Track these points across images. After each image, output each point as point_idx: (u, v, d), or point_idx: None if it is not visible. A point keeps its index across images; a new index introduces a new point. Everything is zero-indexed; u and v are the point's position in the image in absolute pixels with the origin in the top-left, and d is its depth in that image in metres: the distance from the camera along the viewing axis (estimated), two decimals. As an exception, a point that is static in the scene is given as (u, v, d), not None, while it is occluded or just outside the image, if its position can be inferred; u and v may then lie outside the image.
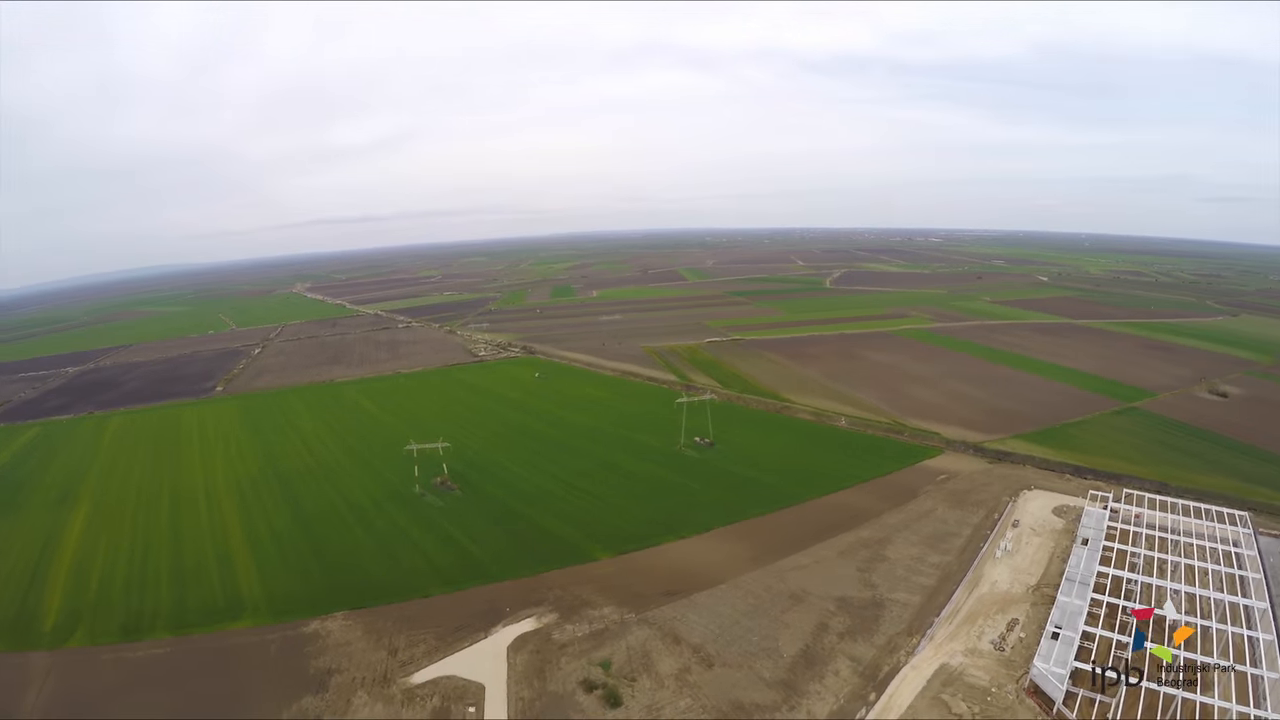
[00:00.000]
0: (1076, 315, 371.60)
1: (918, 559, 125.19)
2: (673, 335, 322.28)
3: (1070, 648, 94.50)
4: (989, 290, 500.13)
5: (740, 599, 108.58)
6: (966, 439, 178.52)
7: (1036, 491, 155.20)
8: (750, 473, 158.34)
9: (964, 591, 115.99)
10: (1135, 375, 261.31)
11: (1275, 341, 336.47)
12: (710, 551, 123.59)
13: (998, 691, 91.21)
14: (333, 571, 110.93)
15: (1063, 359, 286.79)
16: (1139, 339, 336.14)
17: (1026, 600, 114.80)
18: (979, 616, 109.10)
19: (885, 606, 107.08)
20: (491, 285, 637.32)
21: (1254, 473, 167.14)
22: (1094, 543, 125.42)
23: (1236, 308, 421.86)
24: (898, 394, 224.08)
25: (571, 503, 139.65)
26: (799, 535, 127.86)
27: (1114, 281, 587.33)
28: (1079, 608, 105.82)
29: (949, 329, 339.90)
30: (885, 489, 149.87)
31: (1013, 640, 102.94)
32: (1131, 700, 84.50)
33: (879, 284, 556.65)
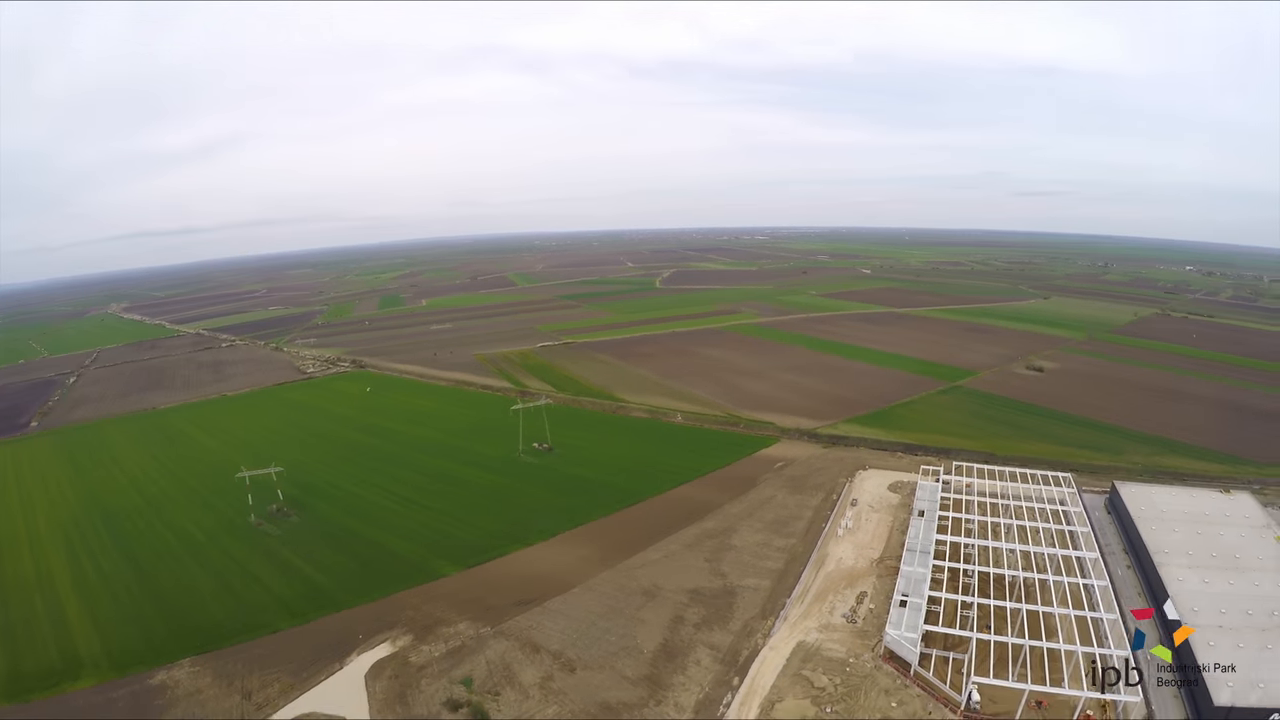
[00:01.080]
0: (899, 304, 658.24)
1: (764, 544, 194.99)
2: (505, 341, 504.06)
3: (919, 613, 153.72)
4: (815, 284, 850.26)
5: (594, 601, 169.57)
6: (801, 426, 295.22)
7: (871, 471, 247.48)
8: (591, 474, 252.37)
9: (812, 571, 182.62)
10: (957, 357, 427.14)
11: (1084, 319, 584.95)
12: (558, 556, 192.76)
13: (855, 661, 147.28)
14: (173, 615, 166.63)
15: (888, 345, 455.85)
16: (959, 323, 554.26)
17: (872, 573, 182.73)
18: (829, 593, 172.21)
19: (737, 593, 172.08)
20: (318, 298, 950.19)
21: (1072, 437, 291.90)
22: (930, 514, 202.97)
23: (1048, 291, 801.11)
24: (731, 387, 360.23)
25: (414, 519, 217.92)
26: (645, 532, 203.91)
27: (934, 272, 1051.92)
28: (922, 575, 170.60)
29: (777, 322, 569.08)
30: (726, 480, 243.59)
31: (863, 612, 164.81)
32: (982, 653, 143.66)
33: (708, 282, 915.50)
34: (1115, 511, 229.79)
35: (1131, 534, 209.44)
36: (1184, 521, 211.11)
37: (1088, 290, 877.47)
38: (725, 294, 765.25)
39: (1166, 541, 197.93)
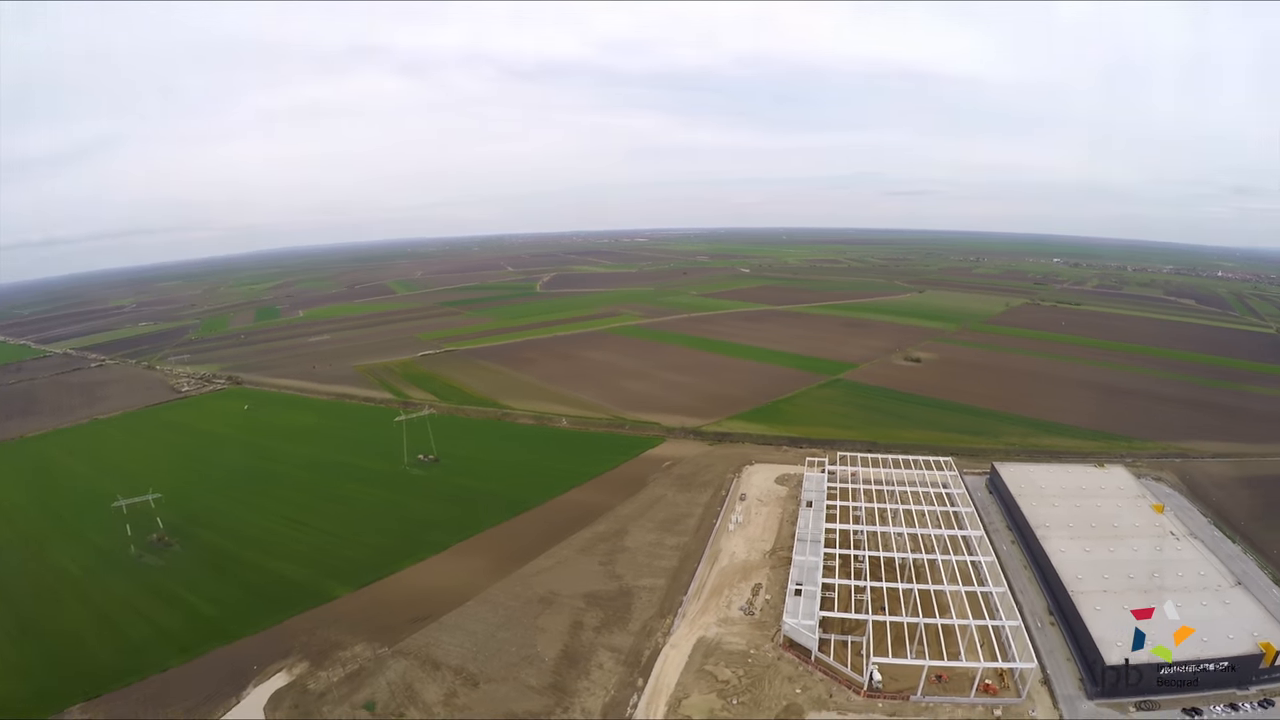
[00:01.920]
0: (778, 302, 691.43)
1: (656, 544, 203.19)
2: (385, 351, 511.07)
3: (814, 601, 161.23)
4: (695, 284, 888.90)
5: (491, 612, 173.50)
6: (686, 425, 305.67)
7: (758, 465, 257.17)
8: (479, 484, 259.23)
9: (706, 567, 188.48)
10: (837, 351, 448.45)
11: (958, 311, 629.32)
12: (452, 569, 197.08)
13: (756, 653, 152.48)
14: (57, 661, 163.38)
15: (768, 342, 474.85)
16: (837, 319, 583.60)
17: (765, 565, 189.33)
18: (724, 588, 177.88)
19: (634, 594, 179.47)
20: (191, 312, 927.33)
21: (951, 423, 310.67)
22: (818, 504, 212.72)
23: (922, 285, 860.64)
24: (615, 389, 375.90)
25: (301, 541, 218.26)
26: (537, 539, 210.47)
27: (811, 270, 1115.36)
28: (815, 564, 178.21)
29: (659, 323, 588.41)
30: (614, 482, 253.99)
31: (760, 603, 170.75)
32: (880, 635, 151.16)
33: (589, 285, 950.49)
34: (996, 491, 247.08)
35: (1013, 511, 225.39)
36: (1063, 496, 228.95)
37: (960, 283, 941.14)
38: (606, 296, 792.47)
39: (1047, 516, 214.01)
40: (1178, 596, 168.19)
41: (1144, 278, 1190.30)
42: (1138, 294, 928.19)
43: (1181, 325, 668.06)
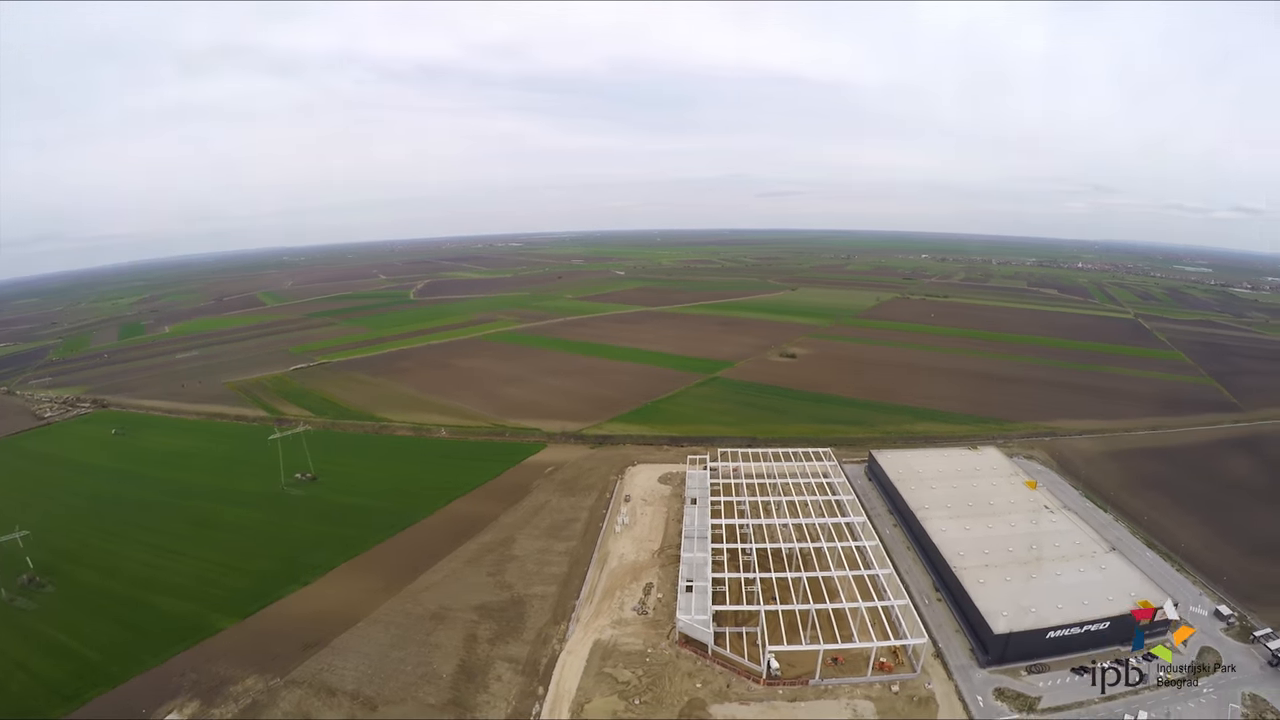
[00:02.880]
0: (654, 303, 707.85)
1: (545, 550, 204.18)
2: (257, 366, 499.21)
3: (706, 596, 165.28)
4: (570, 288, 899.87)
5: (383, 632, 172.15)
6: (567, 429, 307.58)
7: (641, 466, 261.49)
8: (361, 501, 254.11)
9: (596, 570, 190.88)
10: (713, 349, 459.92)
11: (830, 307, 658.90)
12: (339, 591, 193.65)
13: (654, 651, 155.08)
14: None
15: (645, 343, 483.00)
16: (713, 318, 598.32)
17: (655, 564, 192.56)
18: (616, 589, 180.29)
19: (526, 603, 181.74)
20: (50, 331, 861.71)
21: (828, 415, 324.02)
22: (702, 501, 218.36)
23: (795, 283, 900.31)
24: (494, 396, 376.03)
25: (181, 572, 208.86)
26: (424, 554, 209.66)
27: (686, 270, 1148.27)
28: (703, 559, 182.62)
29: (535, 328, 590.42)
30: (498, 491, 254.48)
31: (653, 602, 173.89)
32: (773, 624, 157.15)
33: (464, 291, 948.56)
34: (875, 477, 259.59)
35: (893, 496, 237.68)
36: (940, 479, 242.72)
37: (832, 280, 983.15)
38: (481, 303, 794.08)
39: (926, 498, 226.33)
40: (1056, 565, 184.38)
41: (1008, 270, 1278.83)
42: (1003, 286, 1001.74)
43: (1045, 313, 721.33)
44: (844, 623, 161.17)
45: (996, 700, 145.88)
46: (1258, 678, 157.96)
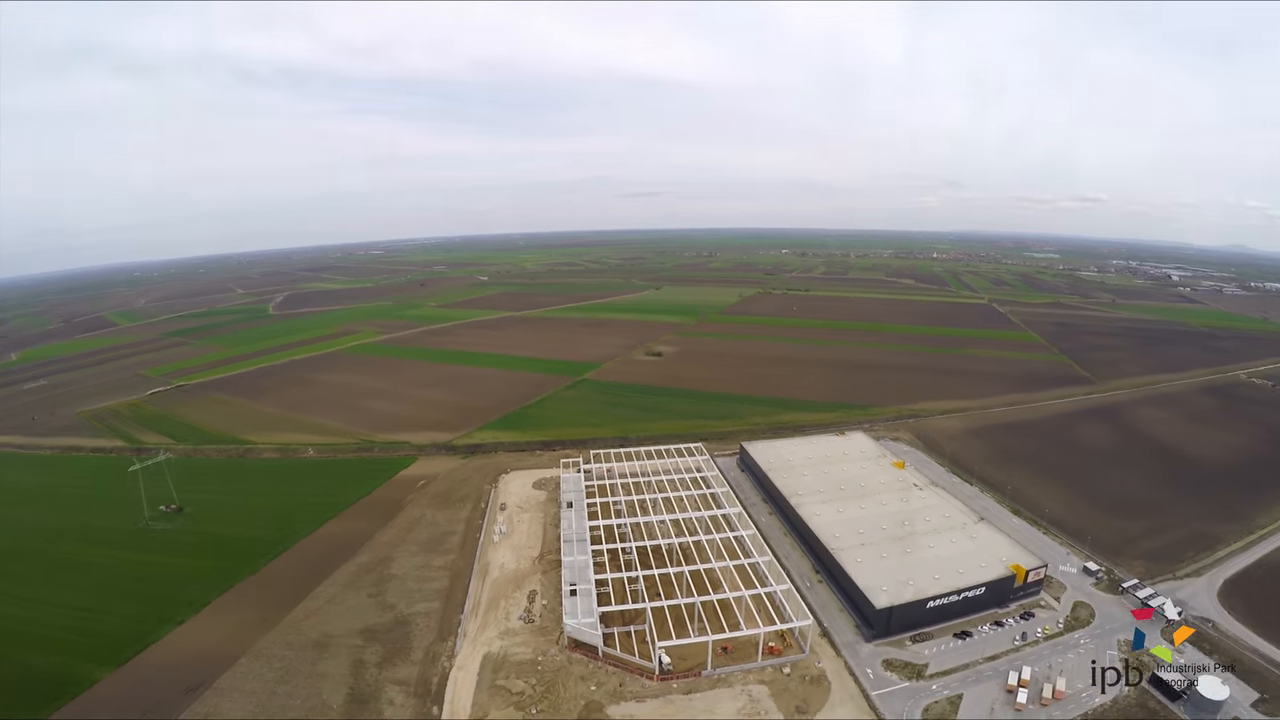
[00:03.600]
0: (519, 308, 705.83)
1: (424, 566, 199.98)
2: (111, 392, 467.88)
3: (591, 598, 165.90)
4: (434, 295, 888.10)
5: (267, 668, 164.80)
6: (437, 441, 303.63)
7: (514, 473, 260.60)
8: (230, 530, 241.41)
9: (478, 582, 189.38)
10: (580, 351, 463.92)
11: (694, 304, 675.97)
12: (217, 627, 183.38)
13: (545, 659, 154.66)
14: None
15: (512, 349, 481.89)
16: (579, 320, 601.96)
17: (537, 571, 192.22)
18: (500, 600, 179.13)
19: (410, 622, 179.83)
20: None
21: (698, 410, 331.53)
22: (579, 504, 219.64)
23: (659, 282, 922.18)
24: (360, 411, 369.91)
25: (46, 622, 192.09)
26: (301, 580, 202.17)
27: (550, 273, 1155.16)
28: (584, 562, 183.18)
29: (399, 338, 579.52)
30: (371, 509, 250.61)
31: (538, 610, 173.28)
32: (660, 620, 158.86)
33: (324, 303, 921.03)
34: (748, 468, 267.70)
35: (766, 485, 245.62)
36: (810, 465, 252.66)
37: (695, 278, 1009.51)
38: (343, 314, 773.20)
39: (799, 485, 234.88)
40: (929, 539, 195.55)
41: (867, 263, 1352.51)
42: (862, 277, 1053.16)
43: (904, 302, 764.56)
44: (730, 612, 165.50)
45: (886, 671, 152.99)
46: (1129, 625, 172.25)
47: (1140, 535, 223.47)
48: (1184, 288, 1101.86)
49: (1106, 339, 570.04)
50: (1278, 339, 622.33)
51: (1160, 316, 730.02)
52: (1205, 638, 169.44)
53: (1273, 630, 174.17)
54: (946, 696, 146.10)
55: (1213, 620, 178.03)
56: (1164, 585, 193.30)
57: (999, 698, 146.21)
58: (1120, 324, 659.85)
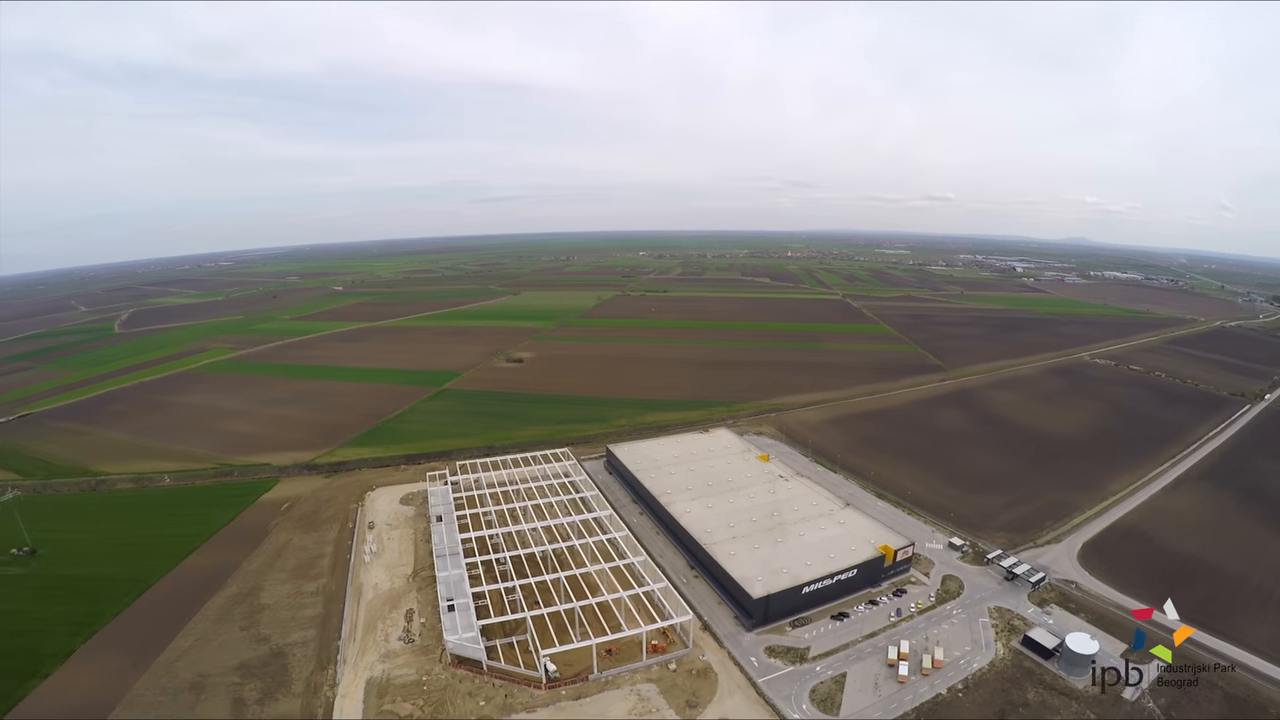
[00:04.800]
0: (375, 317, 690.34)
1: (295, 594, 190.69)
2: None
3: (469, 612, 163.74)
4: (287, 308, 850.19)
5: (143, 717, 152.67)
6: (299, 460, 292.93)
7: (380, 490, 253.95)
8: (89, 570, 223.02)
9: (353, 605, 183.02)
10: (440, 361, 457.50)
11: (553, 309, 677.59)
12: (84, 678, 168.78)
13: (429, 678, 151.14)
14: None
15: (371, 360, 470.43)
16: (437, 328, 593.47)
17: (412, 589, 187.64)
18: (377, 622, 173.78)
19: (288, 653, 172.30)
20: None
21: (562, 415, 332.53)
22: (448, 517, 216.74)
23: (518, 287, 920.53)
24: (217, 434, 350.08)
25: None
26: (169, 619, 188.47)
27: (406, 281, 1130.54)
28: (460, 576, 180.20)
29: (254, 354, 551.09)
30: (235, 537, 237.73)
31: (417, 629, 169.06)
32: (542, 628, 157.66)
33: (174, 319, 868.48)
34: (615, 470, 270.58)
35: (635, 485, 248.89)
36: (678, 463, 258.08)
37: (553, 282, 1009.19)
38: (193, 331, 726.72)
39: (667, 483, 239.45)
40: (799, 527, 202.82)
41: (723, 263, 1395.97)
42: (719, 277, 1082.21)
43: (761, 300, 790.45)
44: (610, 614, 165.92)
45: (769, 658, 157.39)
46: (998, 593, 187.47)
47: (1000, 509, 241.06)
48: (1028, 278, 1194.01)
49: (957, 328, 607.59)
50: (1117, 322, 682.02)
51: (1007, 306, 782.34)
52: (1070, 598, 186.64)
53: (1130, 586, 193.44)
54: (831, 676, 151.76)
55: (1075, 581, 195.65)
56: (1026, 553, 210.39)
57: (881, 673, 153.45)
58: (969, 314, 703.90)
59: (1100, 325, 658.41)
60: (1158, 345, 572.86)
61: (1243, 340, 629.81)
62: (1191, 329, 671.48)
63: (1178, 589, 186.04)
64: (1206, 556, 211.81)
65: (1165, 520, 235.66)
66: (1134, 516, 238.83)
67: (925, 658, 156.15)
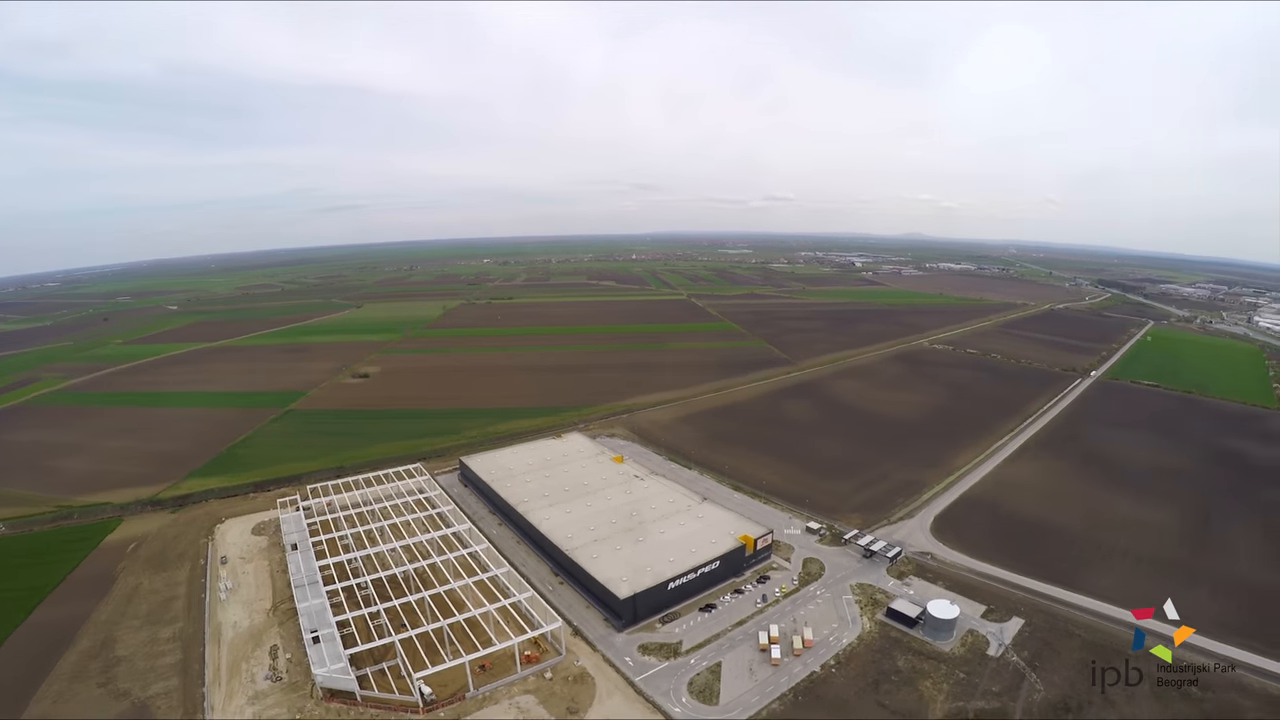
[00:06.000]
0: (215, 337, 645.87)
1: (152, 641, 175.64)
2: None
3: (335, 642, 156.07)
4: (120, 331, 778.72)
5: None
6: (141, 496, 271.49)
7: (230, 521, 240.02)
8: None
9: (213, 648, 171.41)
10: (284, 380, 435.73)
11: (398, 320, 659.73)
12: None
13: (302, 716, 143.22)
14: None
15: (211, 384, 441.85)
16: (280, 346, 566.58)
17: (273, 624, 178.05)
18: (241, 662, 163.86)
19: (151, 706, 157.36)
20: None
21: (412, 430, 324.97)
22: (303, 544, 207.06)
23: (361, 300, 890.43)
24: (53, 473, 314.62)
25: None
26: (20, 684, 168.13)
27: (246, 298, 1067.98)
28: (321, 605, 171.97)
29: (86, 383, 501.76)
30: (82, 585, 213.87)
31: (284, 665, 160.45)
32: (412, 651, 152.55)
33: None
34: (471, 482, 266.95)
35: (492, 496, 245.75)
36: (532, 471, 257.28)
37: (397, 293, 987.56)
38: (20, 360, 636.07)
39: (524, 492, 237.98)
40: (659, 525, 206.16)
41: (569, 267, 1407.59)
42: (564, 282, 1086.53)
43: (607, 303, 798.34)
44: (480, 629, 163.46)
45: (644, 656, 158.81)
46: (858, 570, 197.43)
47: (852, 491, 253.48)
48: (867, 272, 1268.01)
49: (800, 322, 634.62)
50: (953, 310, 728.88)
51: (847, 299, 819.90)
52: (927, 568, 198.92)
53: (982, 552, 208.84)
54: (706, 667, 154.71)
55: (930, 553, 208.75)
56: (881, 531, 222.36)
57: (755, 658, 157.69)
58: (812, 308, 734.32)
59: (937, 313, 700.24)
60: (992, 329, 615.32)
61: (1071, 321, 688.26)
62: (1023, 312, 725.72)
63: (1027, 551, 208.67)
64: (1050, 519, 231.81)
65: (1009, 489, 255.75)
66: (980, 488, 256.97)
67: (796, 639, 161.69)
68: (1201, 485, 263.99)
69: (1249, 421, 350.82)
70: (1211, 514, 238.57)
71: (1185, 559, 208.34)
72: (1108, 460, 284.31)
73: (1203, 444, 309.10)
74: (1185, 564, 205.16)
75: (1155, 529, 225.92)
